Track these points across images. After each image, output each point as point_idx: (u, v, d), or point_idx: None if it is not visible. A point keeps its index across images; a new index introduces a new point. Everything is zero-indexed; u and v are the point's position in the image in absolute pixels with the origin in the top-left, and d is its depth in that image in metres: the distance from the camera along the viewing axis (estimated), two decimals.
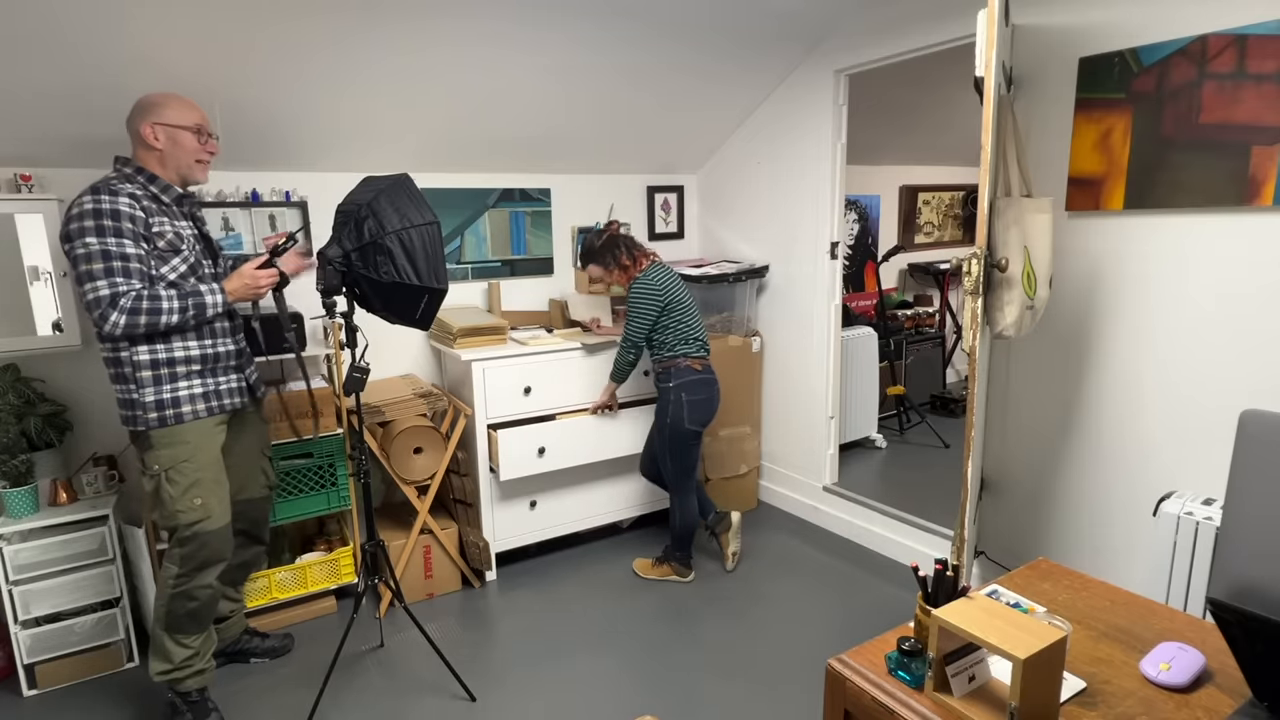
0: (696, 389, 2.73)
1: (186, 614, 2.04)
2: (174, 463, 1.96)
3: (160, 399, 1.94)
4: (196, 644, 2.09)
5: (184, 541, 1.99)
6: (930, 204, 5.33)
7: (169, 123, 1.96)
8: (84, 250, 1.81)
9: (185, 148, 1.98)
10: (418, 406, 2.82)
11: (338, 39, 2.30)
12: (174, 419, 1.96)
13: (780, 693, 2.25)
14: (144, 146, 1.96)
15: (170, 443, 1.96)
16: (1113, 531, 2.34)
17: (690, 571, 2.96)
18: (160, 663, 2.06)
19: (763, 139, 3.48)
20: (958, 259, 1.87)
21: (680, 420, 2.74)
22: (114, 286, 1.81)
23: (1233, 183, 1.95)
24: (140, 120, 1.95)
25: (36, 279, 2.35)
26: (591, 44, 2.67)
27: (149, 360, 1.93)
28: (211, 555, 2.04)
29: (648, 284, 2.70)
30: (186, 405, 1.97)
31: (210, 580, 2.06)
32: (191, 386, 1.98)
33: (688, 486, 2.88)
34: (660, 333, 2.74)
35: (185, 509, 1.97)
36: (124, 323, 1.83)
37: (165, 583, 2.02)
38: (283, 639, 2.53)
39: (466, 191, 3.29)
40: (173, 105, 1.98)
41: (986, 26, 1.74)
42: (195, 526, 1.99)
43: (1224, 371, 2.04)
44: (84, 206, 1.82)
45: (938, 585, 1.19)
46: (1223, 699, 1.07)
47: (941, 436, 4.36)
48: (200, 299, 1.95)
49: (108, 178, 1.90)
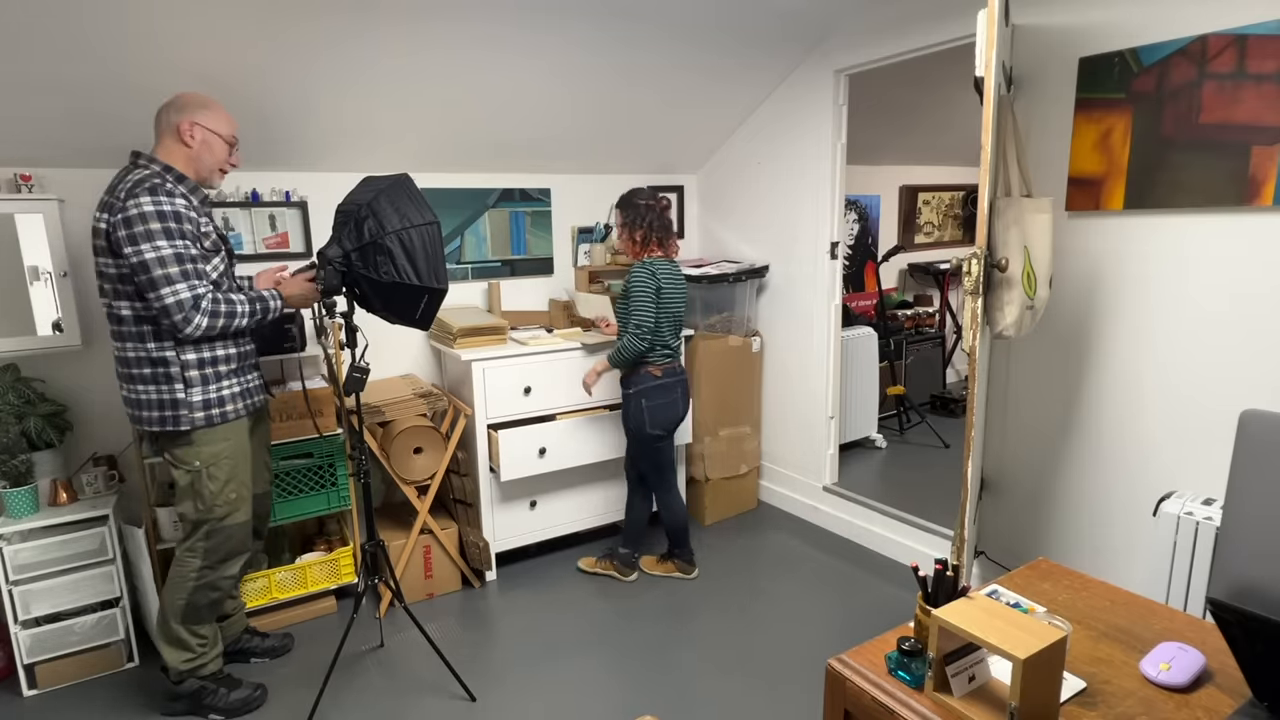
0: (655, 394, 2.74)
1: (208, 604, 2.12)
2: (216, 459, 2.03)
3: (208, 399, 2.00)
4: (210, 631, 2.18)
5: (211, 534, 2.06)
6: (930, 204, 5.33)
7: (207, 125, 2.00)
8: (155, 254, 1.82)
9: (216, 153, 2.03)
10: (418, 406, 2.82)
11: (338, 39, 2.30)
12: (220, 418, 2.02)
13: (780, 692, 2.25)
14: (176, 141, 1.96)
15: (213, 439, 2.03)
16: (1113, 531, 2.34)
17: (694, 569, 2.97)
18: (181, 652, 2.12)
19: (763, 139, 3.48)
20: (958, 259, 1.87)
21: (642, 425, 2.76)
22: (193, 289, 1.86)
23: (1233, 183, 1.95)
24: (180, 116, 1.96)
25: (36, 279, 2.35)
26: (592, 44, 2.67)
27: (197, 360, 1.98)
28: (237, 546, 2.13)
29: (646, 268, 2.68)
30: (230, 405, 2.05)
31: (234, 571, 2.15)
32: (232, 386, 2.06)
33: (666, 484, 2.90)
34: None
35: (223, 502, 2.06)
36: (206, 324, 1.89)
37: (185, 576, 2.08)
38: (283, 639, 2.53)
39: (466, 191, 3.29)
40: (213, 109, 2.02)
41: (986, 26, 1.74)
42: (227, 519, 2.07)
43: (1224, 371, 2.04)
44: (144, 209, 1.81)
45: (938, 585, 1.19)
46: (1223, 699, 1.07)
47: (941, 436, 4.36)
48: (265, 303, 2.04)
49: (150, 177, 1.87)
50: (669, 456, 2.88)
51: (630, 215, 2.76)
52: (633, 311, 2.69)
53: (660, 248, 2.76)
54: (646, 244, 2.75)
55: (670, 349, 2.78)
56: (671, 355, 2.80)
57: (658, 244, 2.75)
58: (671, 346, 2.79)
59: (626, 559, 2.96)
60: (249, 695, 2.20)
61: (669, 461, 2.89)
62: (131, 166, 1.94)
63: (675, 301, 2.75)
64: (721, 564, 3.07)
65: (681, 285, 2.78)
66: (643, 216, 2.73)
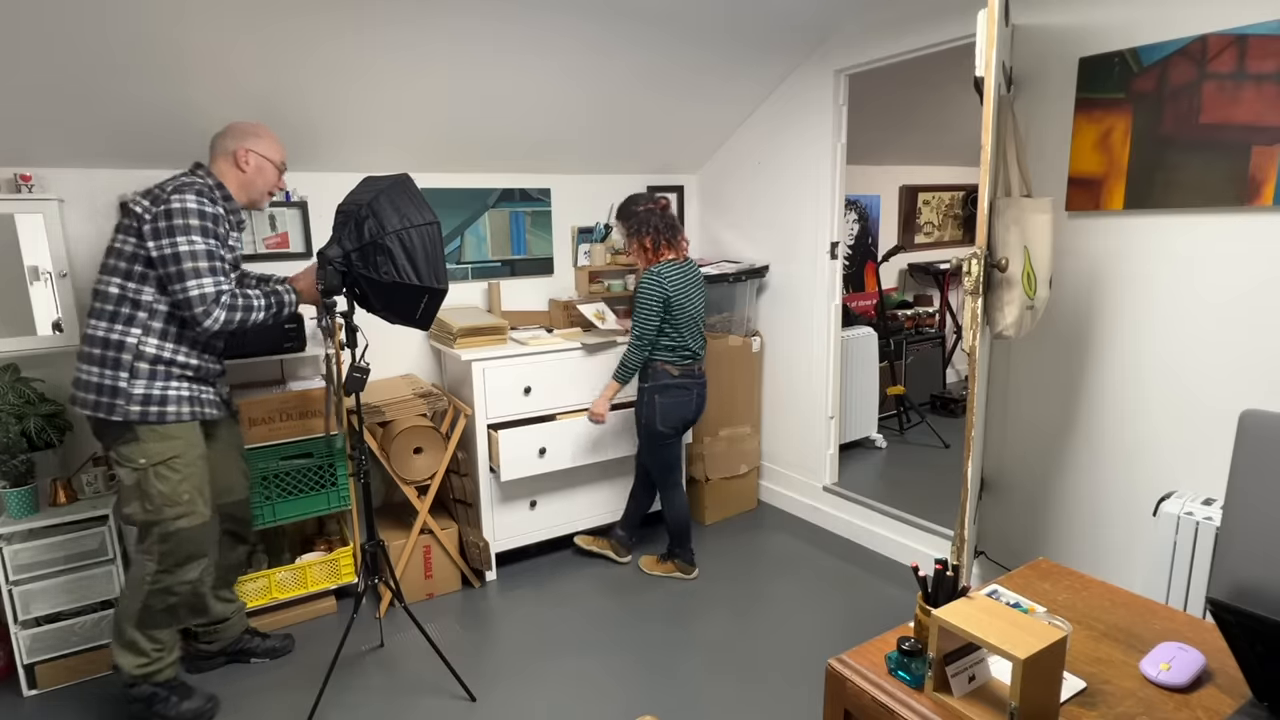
0: (669, 392, 2.74)
1: (165, 609, 2.07)
2: (163, 458, 1.98)
3: (149, 394, 1.96)
4: (167, 637, 2.12)
5: (165, 538, 2.01)
6: (930, 204, 5.33)
7: (262, 153, 2.11)
8: (189, 247, 1.89)
9: (267, 179, 2.14)
10: (418, 406, 2.82)
11: (338, 39, 2.30)
12: (156, 417, 1.97)
13: (780, 693, 2.25)
14: (231, 166, 2.07)
15: (160, 438, 1.98)
16: (1113, 531, 2.34)
17: (694, 569, 2.97)
18: (134, 657, 2.07)
19: (763, 139, 3.48)
20: (958, 259, 1.87)
21: (653, 421, 2.77)
22: (218, 285, 1.93)
23: (1233, 183, 1.95)
24: (237, 143, 2.08)
25: (36, 279, 2.35)
26: (592, 44, 2.67)
27: (154, 355, 1.96)
28: (194, 551, 2.06)
29: (653, 278, 2.66)
30: (172, 405, 1.99)
31: (192, 576, 2.08)
32: (180, 389, 2.01)
33: (671, 482, 2.90)
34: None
35: (172, 504, 2.00)
36: (224, 318, 1.94)
37: (140, 580, 2.04)
38: (283, 639, 2.53)
39: (466, 191, 3.29)
40: (267, 138, 2.14)
41: (986, 26, 1.74)
42: (179, 522, 2.01)
43: (1224, 371, 2.04)
44: (187, 204, 1.90)
45: (938, 585, 1.18)
46: (1223, 699, 1.07)
47: (941, 436, 4.36)
48: (280, 298, 2.08)
49: (196, 183, 1.96)
50: (676, 455, 2.89)
51: (634, 224, 2.74)
52: (635, 322, 2.69)
53: (671, 249, 2.74)
54: (658, 248, 2.73)
55: (690, 350, 2.75)
56: (691, 358, 2.77)
57: (668, 245, 2.73)
58: (691, 348, 2.75)
59: (624, 540, 3.04)
60: (200, 706, 2.16)
61: (676, 460, 2.90)
62: (190, 173, 2.04)
63: (691, 303, 2.73)
64: (721, 564, 3.07)
65: (696, 284, 2.76)
66: (646, 221, 2.72)
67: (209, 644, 2.39)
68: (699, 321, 2.78)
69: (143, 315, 1.95)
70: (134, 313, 1.94)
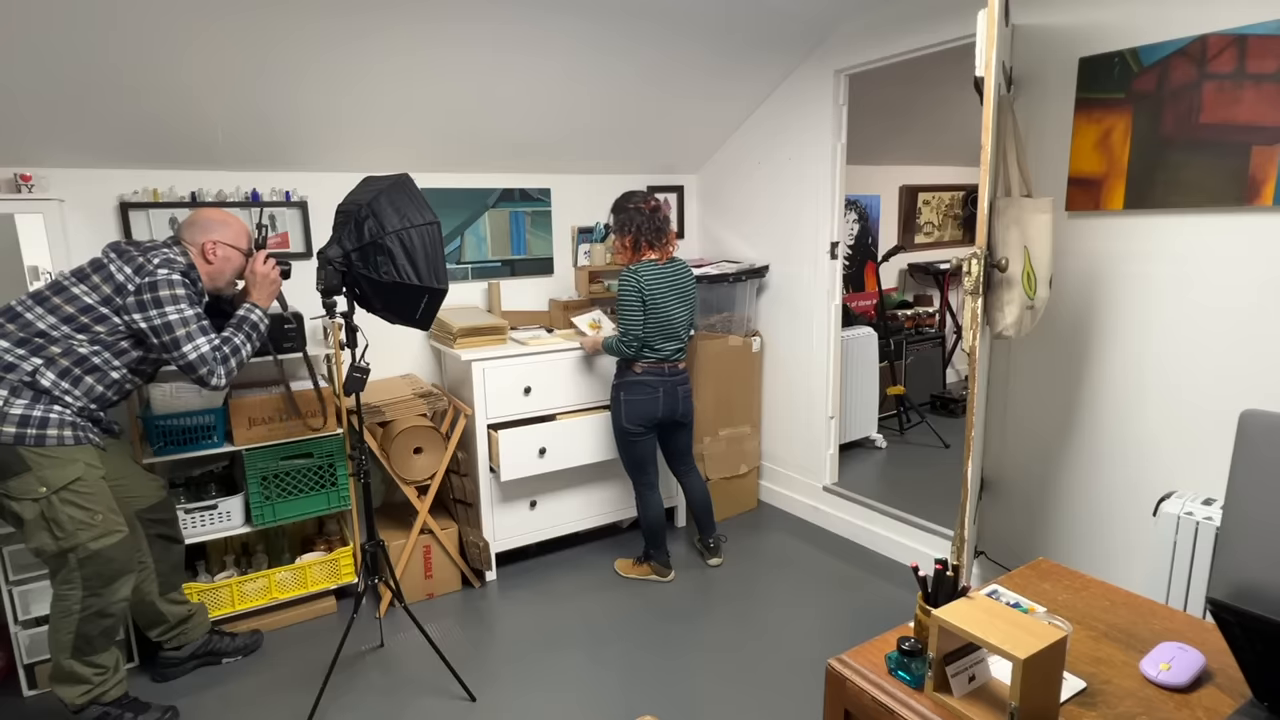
0: (634, 390, 2.75)
1: (101, 633, 2.01)
2: (64, 482, 1.89)
3: (29, 415, 1.86)
4: (109, 659, 2.06)
5: (85, 561, 1.93)
6: (930, 204, 5.33)
7: (229, 242, 2.13)
8: (179, 315, 1.96)
9: (234, 266, 2.16)
10: (418, 406, 2.82)
11: (337, 39, 2.30)
12: (34, 440, 1.86)
13: (780, 692, 2.25)
14: (199, 256, 2.10)
15: (56, 464, 1.89)
16: (1113, 531, 2.34)
17: (669, 571, 2.95)
18: (76, 686, 2.00)
19: (763, 139, 3.48)
20: (958, 259, 1.87)
21: (619, 418, 2.80)
22: (211, 344, 2.00)
23: (1233, 183, 1.95)
24: (202, 235, 2.10)
25: (36, 279, 2.35)
26: (592, 44, 2.67)
27: (46, 387, 1.88)
28: (120, 568, 2.00)
29: (630, 276, 2.67)
30: (53, 429, 1.89)
31: (124, 594, 2.03)
32: (64, 414, 1.91)
33: (644, 482, 2.89)
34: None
35: (87, 527, 1.92)
36: (224, 370, 2.01)
37: (68, 611, 1.95)
38: (251, 636, 2.52)
39: (466, 191, 3.29)
40: (232, 225, 2.16)
41: (986, 26, 1.74)
42: (97, 543, 1.94)
43: (1224, 371, 2.04)
44: (173, 277, 1.97)
45: (938, 585, 1.18)
46: (1223, 699, 1.07)
47: (941, 436, 4.36)
48: (252, 321, 2.12)
49: (183, 264, 2.02)
50: (646, 454, 2.86)
51: (621, 220, 2.76)
52: (619, 320, 2.72)
53: (652, 249, 2.74)
54: (638, 248, 2.73)
55: (663, 355, 2.75)
56: (664, 358, 2.76)
57: (649, 246, 2.73)
58: (654, 347, 2.74)
59: (660, 559, 2.95)
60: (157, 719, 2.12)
61: (645, 459, 2.87)
62: (173, 243, 2.08)
63: (667, 304, 2.70)
64: (722, 564, 3.06)
65: (676, 287, 2.73)
66: (631, 220, 2.73)
67: (176, 650, 2.36)
68: (676, 324, 2.75)
69: (55, 350, 1.89)
70: (47, 346, 1.88)
